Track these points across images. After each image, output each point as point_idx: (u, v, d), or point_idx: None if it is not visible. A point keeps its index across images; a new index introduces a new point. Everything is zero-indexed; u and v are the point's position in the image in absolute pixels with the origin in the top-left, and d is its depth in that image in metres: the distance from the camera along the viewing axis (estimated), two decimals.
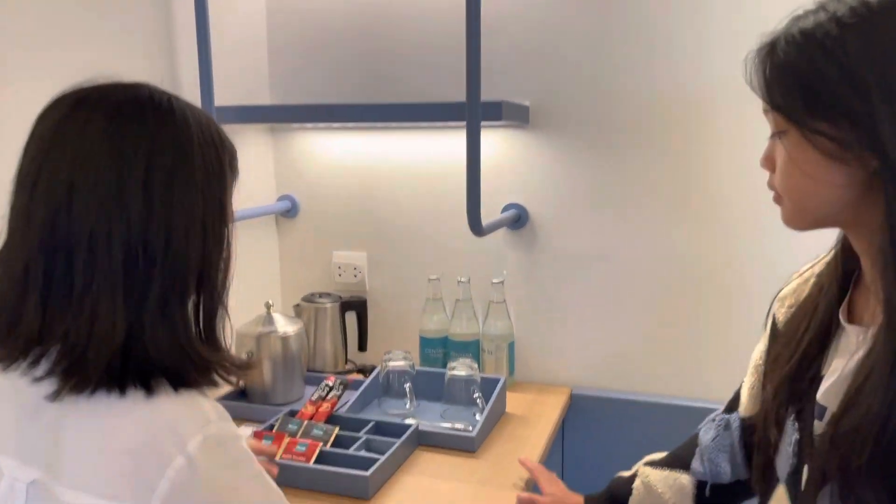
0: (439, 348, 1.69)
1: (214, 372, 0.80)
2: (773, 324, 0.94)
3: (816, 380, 0.80)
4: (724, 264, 1.54)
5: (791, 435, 0.83)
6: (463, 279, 1.65)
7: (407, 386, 1.51)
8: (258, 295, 1.75)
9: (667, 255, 1.57)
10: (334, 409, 1.43)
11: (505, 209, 1.67)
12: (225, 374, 0.81)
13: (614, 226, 1.60)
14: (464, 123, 1.33)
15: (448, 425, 1.43)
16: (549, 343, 1.69)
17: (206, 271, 0.79)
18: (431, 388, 1.58)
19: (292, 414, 1.42)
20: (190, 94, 1.52)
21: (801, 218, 0.78)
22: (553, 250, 1.65)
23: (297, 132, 1.82)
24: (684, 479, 1.04)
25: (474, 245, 1.69)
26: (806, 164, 0.73)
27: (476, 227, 1.37)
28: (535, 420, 1.50)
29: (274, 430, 1.34)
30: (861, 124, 0.68)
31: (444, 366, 1.67)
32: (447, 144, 1.70)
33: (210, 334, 0.82)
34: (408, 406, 1.51)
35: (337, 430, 1.33)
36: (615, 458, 1.64)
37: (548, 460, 1.50)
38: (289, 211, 1.84)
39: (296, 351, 1.56)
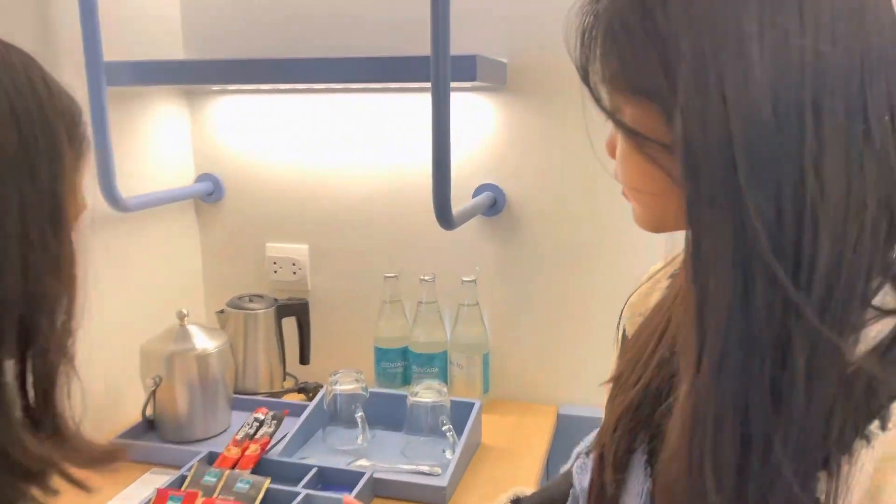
0: (398, 361, 1.39)
1: (54, 474, 0.52)
2: (623, 337, 0.76)
3: (669, 410, 0.58)
4: None
5: (642, 483, 0.62)
6: (426, 277, 1.35)
7: (359, 416, 1.21)
8: (173, 300, 1.42)
9: (674, 250, 1.29)
10: (265, 450, 1.12)
11: (477, 192, 1.37)
12: (73, 476, 0.53)
13: (610, 212, 1.31)
14: (428, 85, 1.02)
15: (411, 467, 1.14)
16: (530, 353, 1.41)
17: (31, 314, 0.51)
18: (390, 413, 1.28)
19: (211, 459, 1.11)
20: (68, 45, 1.16)
21: (646, 219, 0.60)
22: (536, 242, 1.36)
23: (219, 96, 1.47)
24: None
25: (441, 236, 1.38)
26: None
27: (445, 216, 1.07)
28: (519, 453, 1.22)
29: (184, 487, 1.03)
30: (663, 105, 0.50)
31: (405, 383, 1.38)
32: (407, 111, 1.38)
33: (46, 414, 0.53)
34: (359, 440, 1.21)
35: (268, 482, 1.03)
36: None
37: None
38: (211, 194, 1.50)
39: (219, 372, 1.25)
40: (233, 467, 1.08)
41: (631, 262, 1.32)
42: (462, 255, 1.40)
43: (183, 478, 1.05)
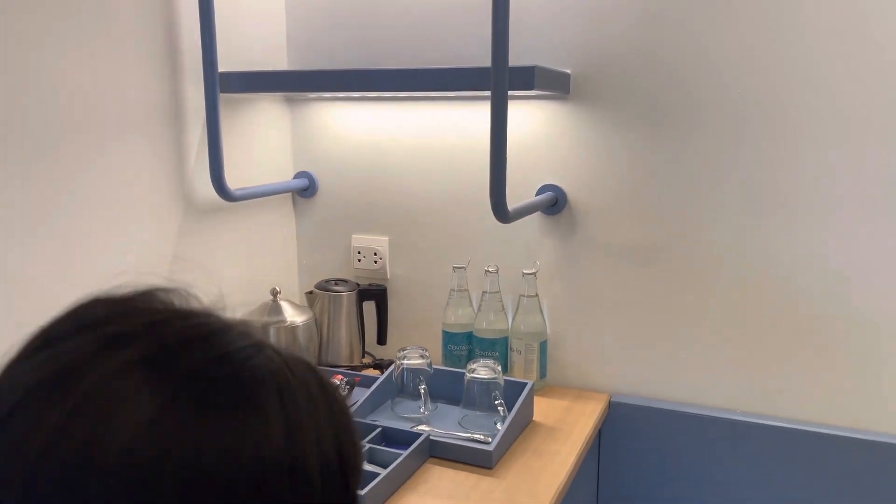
0: (464, 345, 1.52)
1: None
2: None
3: None
4: (806, 268, 1.32)
5: None
6: (491, 269, 1.47)
7: (422, 388, 1.35)
8: (271, 280, 1.61)
9: (732, 253, 1.36)
10: None
11: (540, 191, 1.48)
12: None
13: (669, 216, 1.39)
14: None
15: (466, 434, 1.26)
16: (586, 344, 1.50)
17: None
18: (452, 389, 1.42)
19: None
20: (191, 57, 1.38)
21: None
22: (594, 240, 1.46)
23: (315, 103, 1.66)
24: None
25: (505, 231, 1.51)
26: None
27: (500, 210, 1.19)
28: (566, 431, 1.32)
29: None
30: None
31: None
32: (479, 117, 1.52)
33: None
34: (422, 409, 1.35)
35: None
36: (657, 476, 1.46)
37: (581, 476, 1.33)
38: (306, 189, 1.69)
39: (304, 343, 1.43)
40: None
41: (687, 265, 1.39)
42: (524, 250, 1.51)
43: None
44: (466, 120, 1.53)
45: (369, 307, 1.64)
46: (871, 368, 1.30)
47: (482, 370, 1.31)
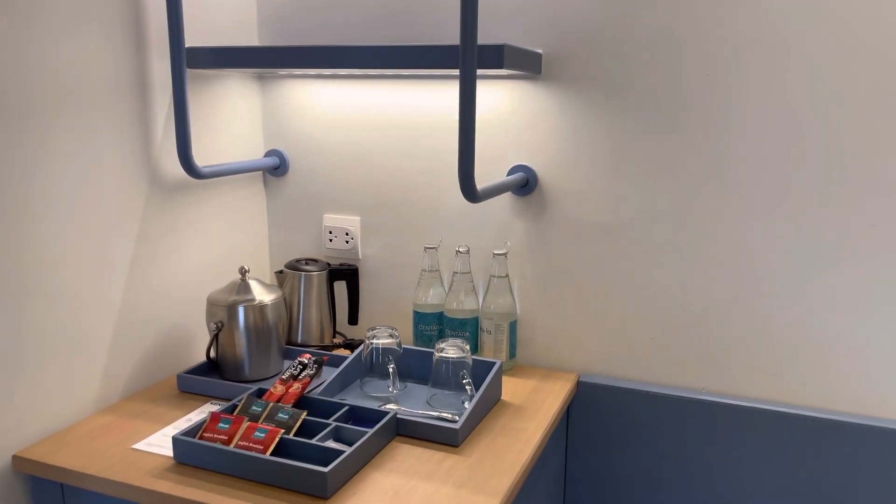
0: (434, 324, 1.53)
1: None
2: None
3: None
4: (767, 247, 1.33)
5: None
6: (461, 249, 1.47)
7: (391, 367, 1.35)
8: (241, 259, 1.60)
9: (699, 231, 1.37)
10: (306, 389, 1.28)
11: (511, 171, 1.48)
12: None
13: (637, 195, 1.40)
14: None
15: (433, 413, 1.27)
16: (555, 324, 1.51)
17: None
18: (422, 368, 1.43)
19: (259, 394, 1.28)
20: (157, 32, 1.35)
21: None
22: (565, 220, 1.46)
23: (286, 81, 1.65)
24: None
25: (476, 212, 1.51)
26: None
27: (469, 190, 1.19)
28: (533, 410, 1.33)
29: (235, 413, 1.20)
30: None
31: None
32: (451, 96, 1.51)
33: None
34: (391, 388, 1.35)
35: (304, 414, 1.18)
36: (624, 455, 1.47)
37: (547, 454, 1.34)
38: (277, 168, 1.68)
39: (272, 322, 1.42)
40: (277, 402, 1.24)
41: (655, 244, 1.40)
42: (495, 231, 1.52)
43: (234, 406, 1.22)
44: (438, 99, 1.52)
45: (340, 287, 1.64)
46: (819, 349, 1.32)
47: (450, 349, 1.31)
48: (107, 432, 1.22)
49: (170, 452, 1.14)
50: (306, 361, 1.33)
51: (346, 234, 1.66)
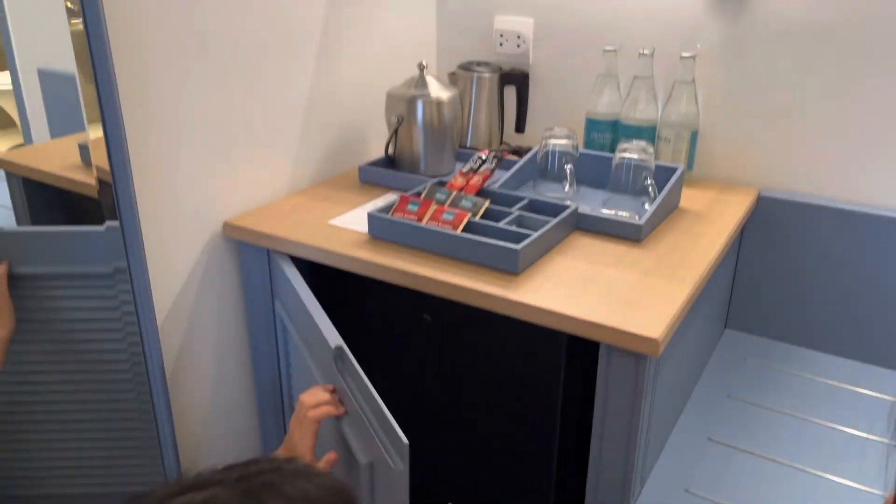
0: (607, 133, 1.49)
1: None
2: None
3: None
4: None
5: None
6: (645, 51, 1.39)
7: (568, 168, 1.34)
8: (410, 57, 1.59)
9: None
10: (485, 183, 1.30)
11: None
12: None
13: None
14: None
15: (611, 213, 1.26)
16: (740, 135, 1.43)
17: None
18: (595, 173, 1.40)
19: (441, 184, 1.31)
20: None
21: None
22: (768, 19, 1.34)
23: None
24: None
25: (664, 9, 1.41)
26: None
27: None
28: (713, 218, 1.29)
29: (421, 197, 1.24)
30: None
31: (612, 151, 1.48)
32: None
33: None
34: (567, 189, 1.35)
35: (487, 202, 1.21)
36: (794, 271, 1.43)
37: (722, 265, 1.32)
38: None
39: (448, 120, 1.42)
40: (459, 191, 1.27)
41: (864, 48, 1.27)
42: (685, 31, 1.42)
43: (419, 193, 1.26)
44: None
45: (510, 92, 1.61)
46: None
47: (633, 151, 1.28)
48: (302, 209, 1.30)
49: (364, 228, 1.21)
50: (485, 157, 1.34)
51: (518, 37, 1.61)
